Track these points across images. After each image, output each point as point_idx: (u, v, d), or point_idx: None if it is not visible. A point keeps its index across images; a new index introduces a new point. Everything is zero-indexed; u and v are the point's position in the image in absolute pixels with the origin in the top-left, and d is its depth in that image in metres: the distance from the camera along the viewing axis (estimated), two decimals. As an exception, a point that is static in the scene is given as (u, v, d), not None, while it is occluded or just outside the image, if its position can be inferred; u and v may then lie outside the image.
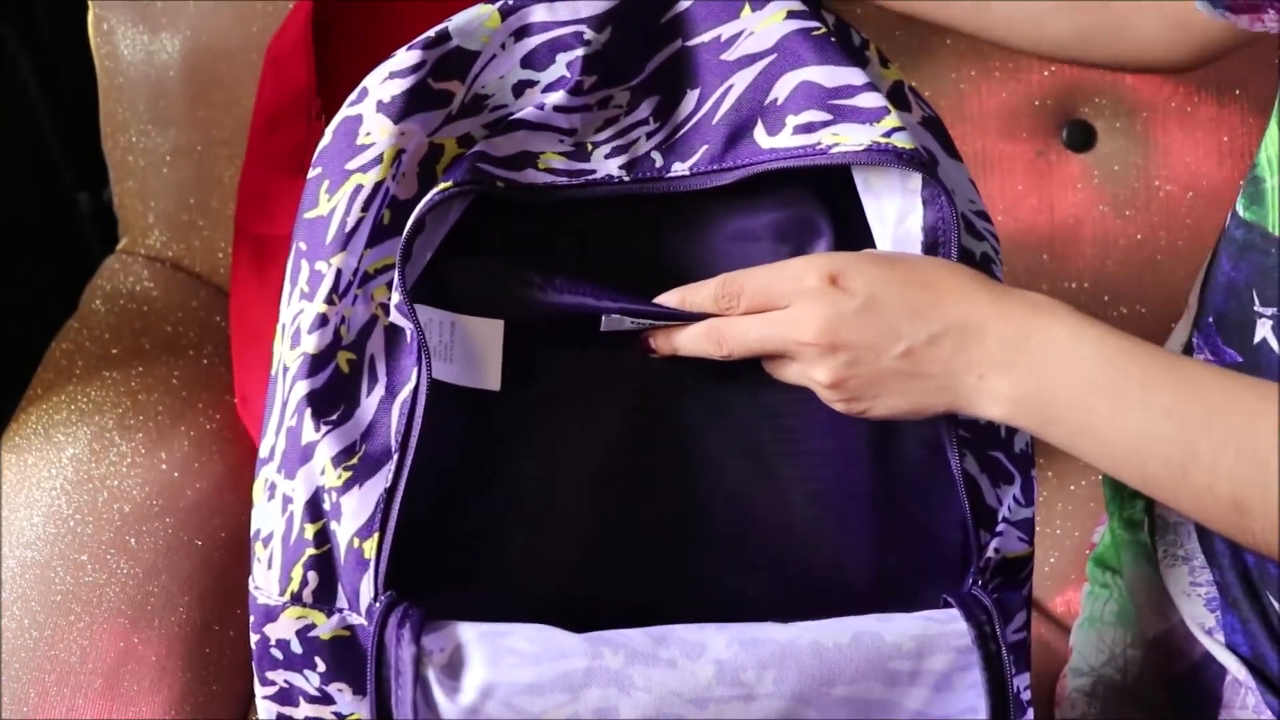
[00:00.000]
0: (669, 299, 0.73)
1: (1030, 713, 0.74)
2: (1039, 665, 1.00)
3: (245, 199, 1.08)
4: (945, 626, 0.70)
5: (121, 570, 0.98)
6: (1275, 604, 0.78)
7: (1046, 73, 1.08)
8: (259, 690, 0.75)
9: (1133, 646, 0.91)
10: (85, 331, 1.16)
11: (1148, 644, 0.90)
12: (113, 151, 1.21)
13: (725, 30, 0.75)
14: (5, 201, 1.37)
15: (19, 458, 1.04)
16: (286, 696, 0.74)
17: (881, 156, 0.71)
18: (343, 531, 0.71)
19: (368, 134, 0.72)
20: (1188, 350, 0.83)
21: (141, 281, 1.20)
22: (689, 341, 0.73)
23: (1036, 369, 0.67)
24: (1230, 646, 0.82)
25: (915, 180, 0.72)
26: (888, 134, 0.72)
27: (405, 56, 0.73)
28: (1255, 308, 0.75)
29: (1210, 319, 0.79)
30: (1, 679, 0.91)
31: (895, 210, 0.73)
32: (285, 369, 0.73)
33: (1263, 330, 0.74)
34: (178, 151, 1.18)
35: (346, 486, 0.71)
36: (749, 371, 0.74)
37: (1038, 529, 1.09)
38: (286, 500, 0.72)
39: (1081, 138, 1.10)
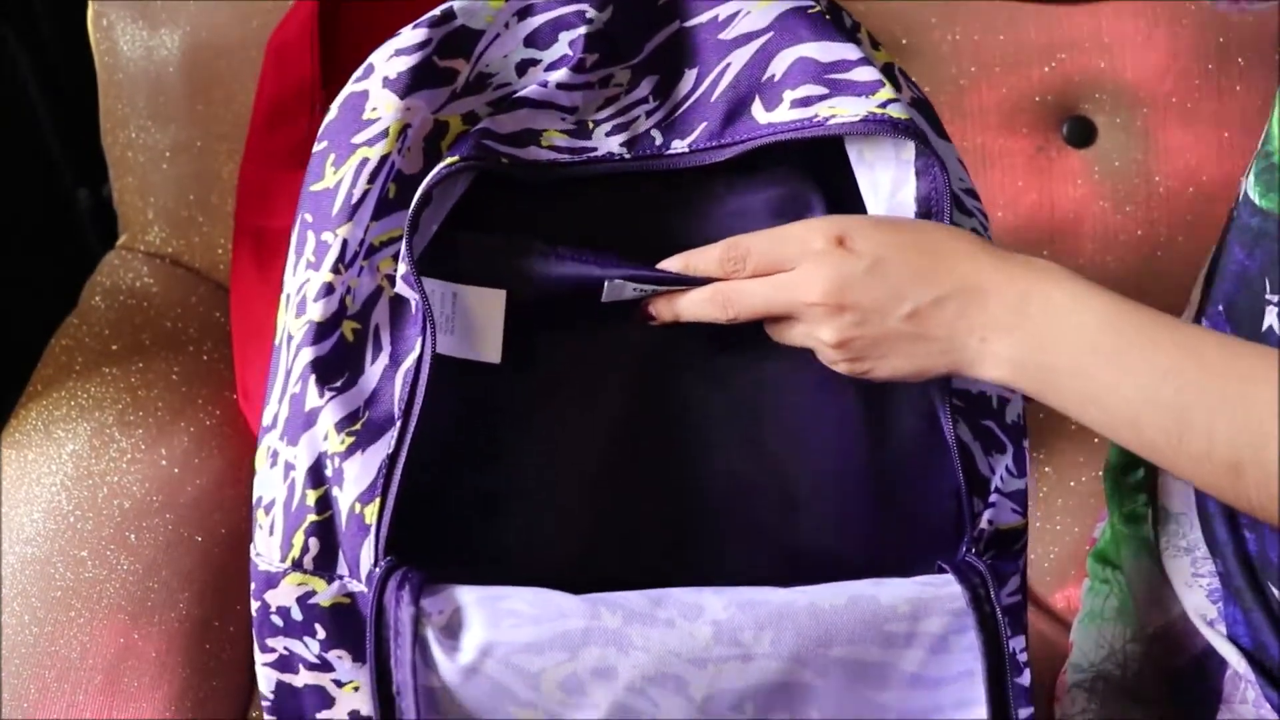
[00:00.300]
0: (672, 264, 0.73)
1: (1027, 673, 0.75)
2: (1039, 661, 1.00)
3: (245, 193, 1.08)
4: (940, 590, 0.71)
5: (121, 566, 0.98)
6: (1276, 592, 0.78)
7: (1047, 69, 1.08)
8: (259, 658, 0.75)
9: (1133, 642, 0.91)
10: (85, 328, 1.16)
11: (1148, 639, 0.90)
12: (112, 148, 1.21)
13: (722, 10, 0.76)
14: (5, 198, 1.37)
15: (19, 454, 1.04)
16: (286, 664, 0.74)
17: (877, 126, 0.71)
18: (344, 497, 0.71)
19: (374, 109, 0.73)
20: None
21: (141, 277, 1.20)
22: (692, 306, 0.73)
23: (1037, 333, 0.68)
24: (1231, 638, 0.82)
25: (909, 150, 0.73)
26: (883, 105, 0.72)
27: (411, 34, 0.74)
28: (1266, 295, 0.75)
29: (1220, 307, 0.79)
30: (2, 675, 0.91)
31: (889, 181, 0.74)
32: (289, 337, 0.73)
33: (1270, 318, 0.74)
34: (177, 147, 1.18)
35: (349, 452, 0.71)
36: (747, 346, 0.74)
37: (1038, 525, 1.09)
38: (289, 467, 0.72)
39: (1082, 134, 1.10)
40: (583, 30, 0.74)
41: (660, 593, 0.71)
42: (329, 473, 0.72)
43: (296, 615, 0.73)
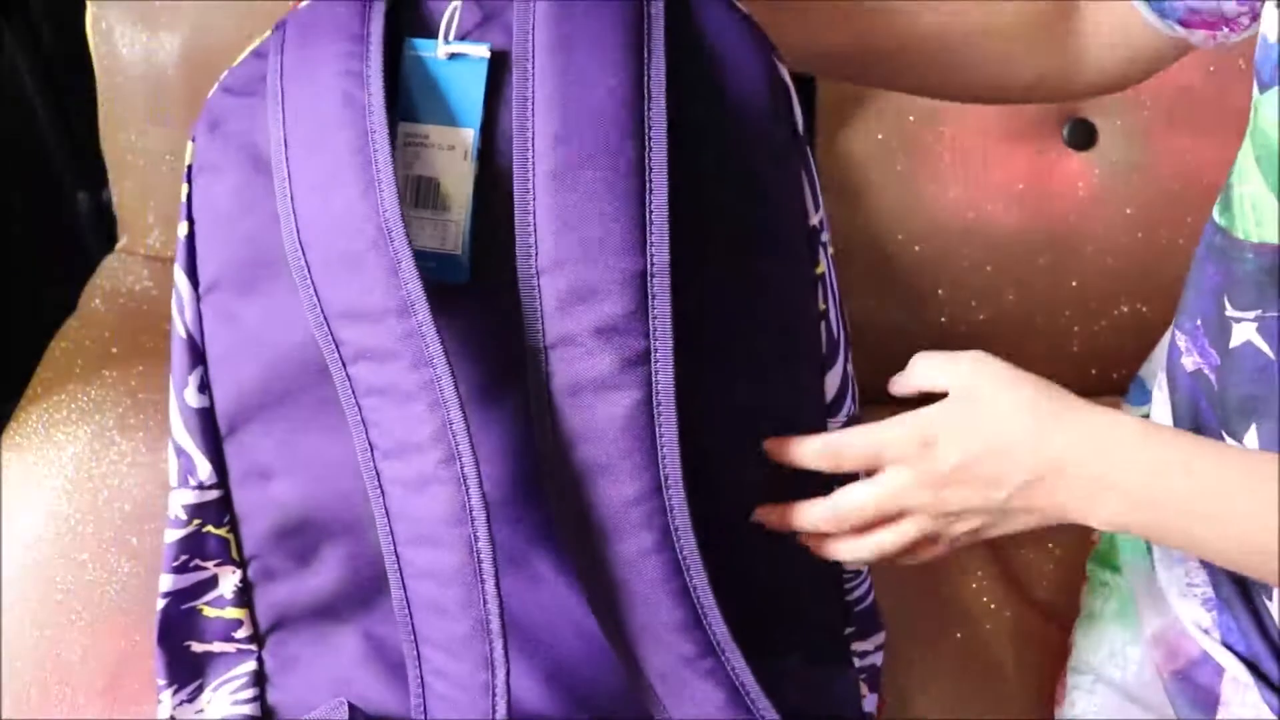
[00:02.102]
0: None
1: None
2: (1039, 664, 1.00)
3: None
4: None
5: (122, 569, 0.98)
6: (1267, 604, 0.78)
7: (1047, 71, 1.08)
8: None
9: (1132, 644, 0.91)
10: (85, 331, 1.16)
11: (1147, 641, 0.90)
12: (112, 151, 1.21)
13: None
14: (4, 201, 1.37)
15: (19, 457, 1.04)
16: None
17: None
18: None
19: None
20: (1175, 350, 0.83)
21: (141, 280, 1.20)
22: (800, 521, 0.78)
23: (1130, 494, 0.70)
24: (1227, 645, 0.82)
25: None
26: None
27: None
28: (1228, 312, 0.75)
29: (1197, 322, 0.79)
30: (3, 678, 0.91)
31: None
32: None
33: (1243, 333, 0.74)
34: (177, 150, 1.18)
35: None
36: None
37: (1039, 529, 1.09)
38: None
39: (1082, 136, 1.10)
40: None
41: None
42: None
43: None
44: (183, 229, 0.79)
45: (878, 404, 1.16)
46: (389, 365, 0.71)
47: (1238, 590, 0.80)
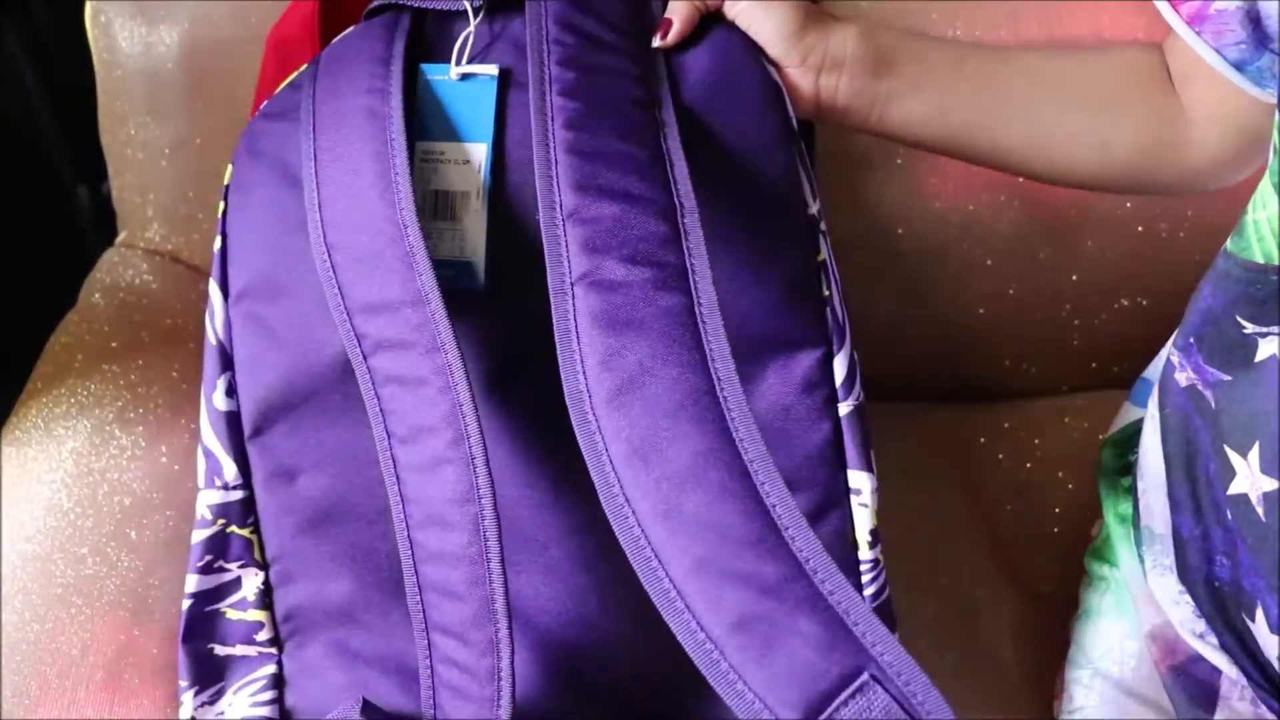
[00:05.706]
0: None
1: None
2: (1038, 659, 1.00)
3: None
4: None
5: (122, 563, 0.98)
6: (1247, 621, 0.78)
7: (1047, 65, 1.08)
8: None
9: (1130, 639, 0.91)
10: (85, 325, 1.16)
11: (1145, 637, 0.90)
12: (111, 145, 1.21)
13: None
14: (4, 195, 1.37)
15: (19, 451, 1.04)
16: None
17: None
18: None
19: None
20: (1169, 365, 0.83)
21: (141, 275, 1.20)
22: None
23: None
24: (1222, 648, 0.83)
25: None
26: None
27: None
28: (1246, 330, 0.75)
29: (1191, 339, 0.80)
30: (2, 672, 0.91)
31: None
32: None
33: (1269, 348, 0.74)
34: (176, 144, 1.18)
35: None
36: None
37: (1038, 523, 1.09)
38: None
39: (1082, 130, 1.10)
40: None
41: None
42: None
43: None
44: (217, 243, 0.84)
45: (878, 400, 1.16)
46: (405, 354, 0.74)
47: (1215, 607, 0.80)
